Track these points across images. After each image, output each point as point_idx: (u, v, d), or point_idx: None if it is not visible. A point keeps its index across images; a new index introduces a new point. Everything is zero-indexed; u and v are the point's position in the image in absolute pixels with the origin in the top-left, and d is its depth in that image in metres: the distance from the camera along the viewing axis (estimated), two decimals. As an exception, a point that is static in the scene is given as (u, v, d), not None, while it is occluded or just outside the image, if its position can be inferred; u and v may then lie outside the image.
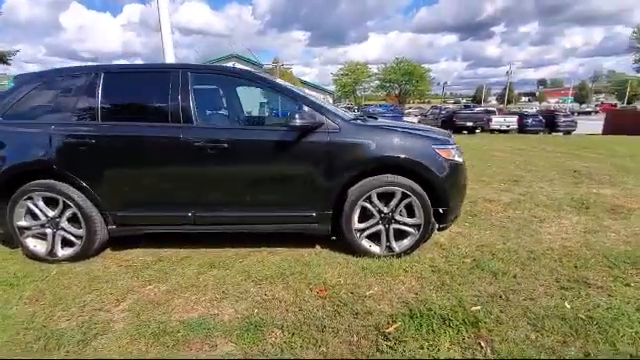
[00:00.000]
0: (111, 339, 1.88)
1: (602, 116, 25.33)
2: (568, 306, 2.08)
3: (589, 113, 49.67)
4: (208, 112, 2.77)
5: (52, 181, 2.62)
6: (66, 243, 2.76)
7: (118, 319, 2.07)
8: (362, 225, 2.69)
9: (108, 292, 2.34)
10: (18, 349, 1.82)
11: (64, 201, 2.63)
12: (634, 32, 39.01)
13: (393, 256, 2.70)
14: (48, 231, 2.71)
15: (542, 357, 1.68)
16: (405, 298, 2.21)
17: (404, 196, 2.61)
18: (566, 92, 63.32)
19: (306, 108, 2.56)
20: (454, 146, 2.76)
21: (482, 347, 1.77)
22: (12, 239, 2.93)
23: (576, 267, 2.56)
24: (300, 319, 2.01)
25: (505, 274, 2.47)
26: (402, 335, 1.84)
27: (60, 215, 2.68)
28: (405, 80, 52.18)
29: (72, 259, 2.75)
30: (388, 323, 1.95)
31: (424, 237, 2.74)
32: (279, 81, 3.09)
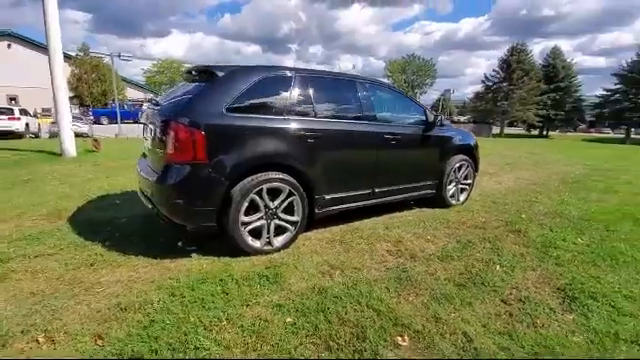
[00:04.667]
0: (436, 272, 2.71)
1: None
2: (593, 208, 4.43)
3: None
4: (382, 112, 3.59)
5: (281, 173, 2.76)
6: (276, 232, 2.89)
7: (395, 265, 2.80)
8: (450, 187, 4.30)
9: (360, 256, 2.88)
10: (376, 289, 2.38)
11: (290, 190, 2.82)
12: (385, 63, 56.77)
13: (459, 204, 4.44)
14: (263, 222, 2.78)
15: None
16: (500, 219, 3.97)
17: (467, 167, 4.41)
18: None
19: (431, 113, 3.90)
20: None
21: (591, 224, 3.80)
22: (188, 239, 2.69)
23: (572, 185, 5.26)
24: (486, 237, 3.39)
25: (540, 192, 4.88)
26: (528, 230, 3.62)
27: (279, 205, 2.82)
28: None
29: (284, 246, 2.91)
30: (518, 226, 3.65)
31: (471, 190, 4.65)
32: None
